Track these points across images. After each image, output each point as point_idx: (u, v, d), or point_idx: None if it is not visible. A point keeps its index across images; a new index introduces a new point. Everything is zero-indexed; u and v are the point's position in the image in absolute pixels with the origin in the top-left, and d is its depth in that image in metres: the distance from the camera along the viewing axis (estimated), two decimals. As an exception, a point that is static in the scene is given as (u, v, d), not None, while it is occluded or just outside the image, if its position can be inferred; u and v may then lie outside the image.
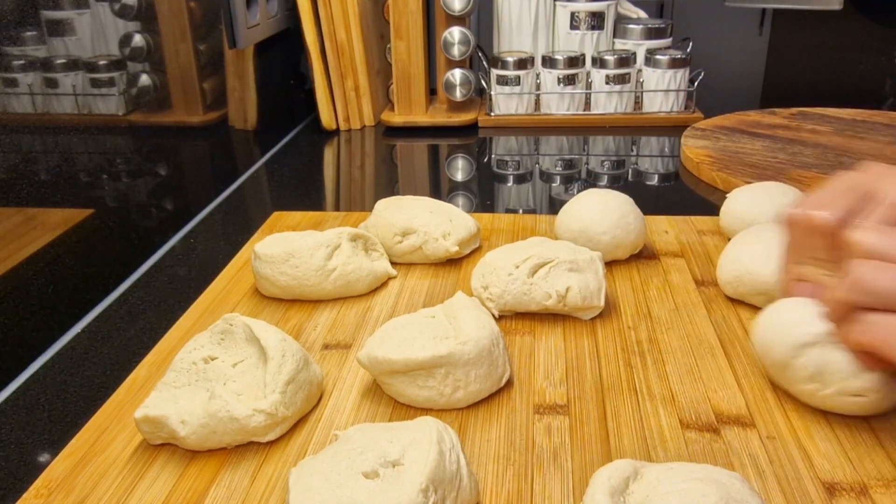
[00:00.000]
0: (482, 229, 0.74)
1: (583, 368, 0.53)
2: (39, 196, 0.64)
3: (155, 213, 0.83)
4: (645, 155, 1.07)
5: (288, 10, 1.16)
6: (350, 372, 0.54)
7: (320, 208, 0.91)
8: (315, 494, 0.38)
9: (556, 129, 1.16)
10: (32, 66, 0.64)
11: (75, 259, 0.68)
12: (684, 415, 0.48)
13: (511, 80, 1.16)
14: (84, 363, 0.60)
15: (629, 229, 0.65)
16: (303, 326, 0.60)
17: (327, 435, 0.47)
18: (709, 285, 0.63)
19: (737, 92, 1.43)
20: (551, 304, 0.57)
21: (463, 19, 1.15)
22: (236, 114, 1.03)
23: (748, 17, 1.48)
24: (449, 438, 0.41)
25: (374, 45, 1.20)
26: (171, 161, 0.87)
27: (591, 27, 1.17)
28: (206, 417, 0.45)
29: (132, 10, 0.78)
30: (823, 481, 0.42)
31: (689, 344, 0.55)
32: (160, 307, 0.68)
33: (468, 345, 0.48)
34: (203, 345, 0.50)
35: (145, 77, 0.81)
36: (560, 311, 0.58)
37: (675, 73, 1.14)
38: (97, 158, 0.73)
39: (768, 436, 0.46)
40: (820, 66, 1.48)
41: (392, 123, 1.19)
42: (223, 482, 0.44)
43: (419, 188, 0.99)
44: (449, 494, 0.39)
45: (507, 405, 0.50)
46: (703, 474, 0.38)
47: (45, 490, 0.44)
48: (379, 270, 0.65)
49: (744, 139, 1.01)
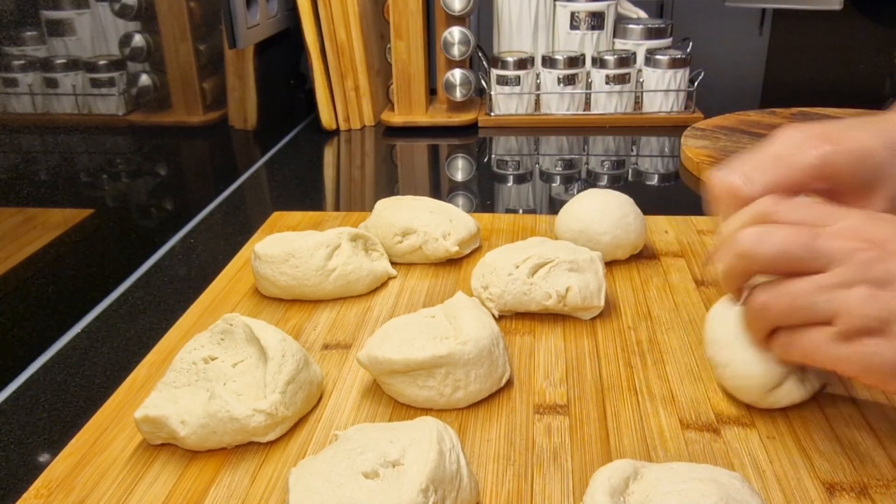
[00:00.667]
0: (482, 229, 0.74)
1: (583, 368, 0.53)
2: (39, 196, 0.64)
3: (155, 213, 0.83)
4: (645, 155, 1.07)
5: (288, 10, 1.16)
6: (350, 372, 0.54)
7: (320, 208, 0.91)
8: (315, 494, 0.38)
9: (556, 129, 1.16)
10: (32, 66, 0.64)
11: (75, 259, 0.68)
12: (684, 415, 0.48)
13: (511, 80, 1.16)
14: (84, 363, 0.60)
15: (629, 229, 0.65)
16: (303, 326, 0.60)
17: (327, 435, 0.47)
18: (709, 285, 0.63)
19: (737, 92, 1.43)
20: (551, 303, 0.57)
21: (463, 19, 1.15)
22: (236, 114, 1.03)
23: (748, 17, 1.48)
24: (449, 438, 0.41)
25: (374, 45, 1.20)
26: (171, 161, 0.87)
27: (591, 27, 1.17)
28: (206, 418, 0.45)
29: (132, 10, 0.78)
30: (823, 481, 0.42)
31: (690, 344, 0.55)
32: (160, 307, 0.68)
33: (468, 345, 0.48)
34: (203, 345, 0.50)
35: (145, 77, 0.81)
36: (560, 312, 0.58)
37: (676, 73, 1.14)
38: (97, 158, 0.73)
39: (768, 436, 0.46)
40: (820, 66, 1.48)
41: (392, 123, 1.19)
42: (223, 482, 0.44)
43: (419, 188, 0.99)
44: (449, 494, 0.39)
45: (507, 405, 0.50)
46: (703, 474, 0.38)
47: (45, 490, 0.44)
48: (379, 270, 0.65)
49: (744, 139, 1.01)
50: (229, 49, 0.99)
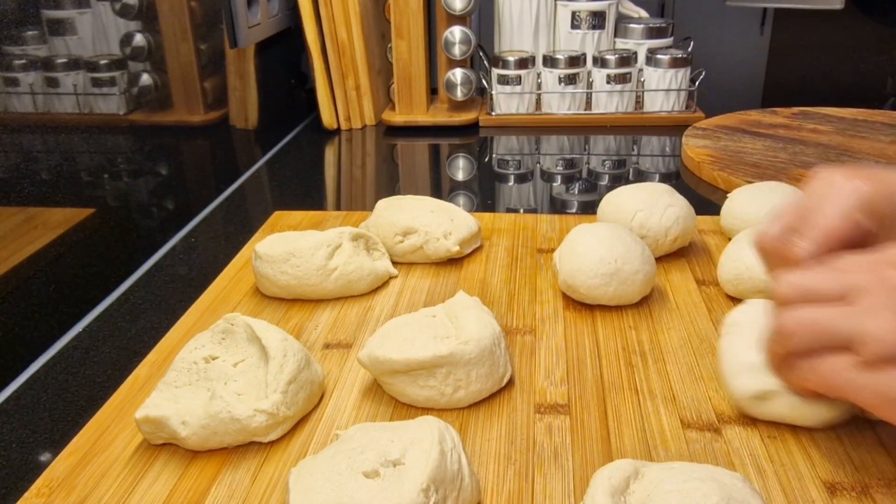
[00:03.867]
0: (483, 229, 0.74)
1: (584, 368, 0.53)
2: (40, 195, 0.64)
3: (156, 213, 0.83)
4: (646, 154, 1.07)
5: (289, 10, 1.16)
6: (351, 371, 0.54)
7: (321, 208, 0.91)
8: (315, 494, 0.38)
9: (557, 128, 1.16)
10: (33, 66, 0.64)
11: (76, 258, 0.68)
12: (685, 414, 0.48)
13: (512, 80, 1.16)
14: (85, 362, 0.60)
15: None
16: (304, 326, 0.60)
17: (328, 434, 0.47)
18: (710, 285, 0.63)
19: (738, 91, 1.43)
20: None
21: (464, 18, 1.15)
22: (237, 113, 1.03)
23: (749, 16, 1.48)
24: (451, 438, 0.41)
25: (374, 45, 1.20)
26: (172, 160, 0.87)
27: (592, 26, 1.17)
28: (207, 418, 0.45)
29: (133, 9, 0.78)
30: (824, 481, 0.42)
31: (690, 343, 0.55)
32: (161, 306, 0.68)
33: (469, 344, 0.48)
34: (204, 344, 0.50)
35: (146, 76, 0.81)
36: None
37: (676, 73, 1.14)
38: (98, 158, 0.73)
39: (769, 435, 0.46)
40: (821, 65, 1.48)
41: (393, 123, 1.19)
42: (224, 482, 0.44)
43: (420, 188, 0.99)
44: (450, 494, 0.39)
45: (507, 405, 0.50)
46: (704, 474, 0.38)
47: (47, 489, 0.44)
48: (380, 270, 0.65)
49: (745, 139, 1.01)
50: (230, 48, 0.99)
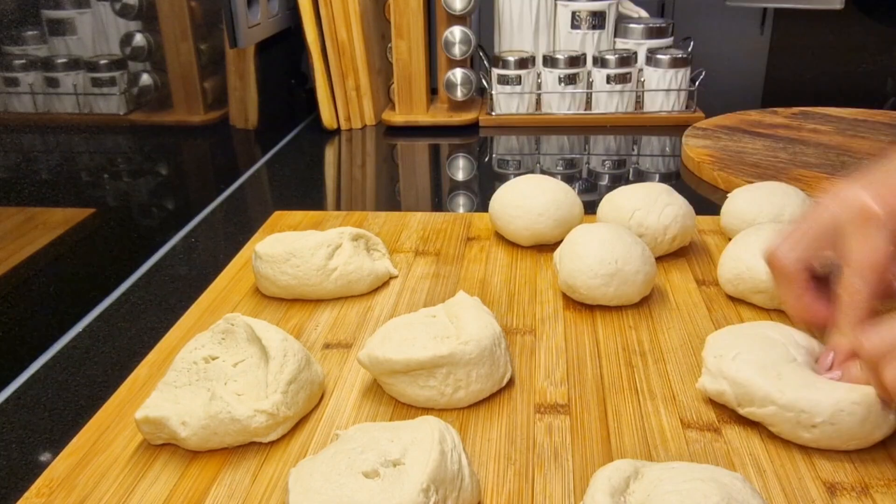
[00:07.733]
0: (484, 229, 0.74)
1: (584, 368, 0.53)
2: (40, 195, 0.64)
3: (156, 213, 0.83)
4: (646, 154, 1.07)
5: (289, 10, 1.16)
6: (351, 371, 0.54)
7: (321, 208, 0.91)
8: (315, 494, 0.38)
9: (557, 128, 1.16)
10: (33, 66, 0.64)
11: (76, 258, 0.68)
12: (685, 414, 0.48)
13: (512, 80, 1.16)
14: (85, 362, 0.60)
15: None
16: (304, 326, 0.60)
17: (328, 434, 0.47)
18: (710, 285, 0.63)
19: (738, 91, 1.43)
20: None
21: (464, 18, 1.15)
22: (237, 113, 1.03)
23: (749, 16, 1.48)
24: (451, 438, 0.41)
25: (374, 45, 1.20)
26: (172, 160, 0.87)
27: (593, 26, 1.17)
28: (207, 419, 0.45)
29: (133, 9, 0.78)
30: (824, 481, 0.42)
31: (690, 343, 0.55)
32: (161, 306, 0.68)
33: (469, 345, 0.48)
34: (204, 344, 0.50)
35: (146, 76, 0.81)
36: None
37: (677, 73, 1.14)
38: (98, 158, 0.73)
39: (769, 435, 0.46)
40: (821, 65, 1.48)
41: (393, 123, 1.19)
42: (224, 482, 0.44)
43: (420, 188, 0.99)
44: (450, 494, 0.39)
45: (508, 405, 0.50)
46: (704, 474, 0.38)
47: (47, 489, 0.44)
48: (380, 270, 0.65)
49: (745, 139, 1.01)
50: (230, 48, 0.99)
